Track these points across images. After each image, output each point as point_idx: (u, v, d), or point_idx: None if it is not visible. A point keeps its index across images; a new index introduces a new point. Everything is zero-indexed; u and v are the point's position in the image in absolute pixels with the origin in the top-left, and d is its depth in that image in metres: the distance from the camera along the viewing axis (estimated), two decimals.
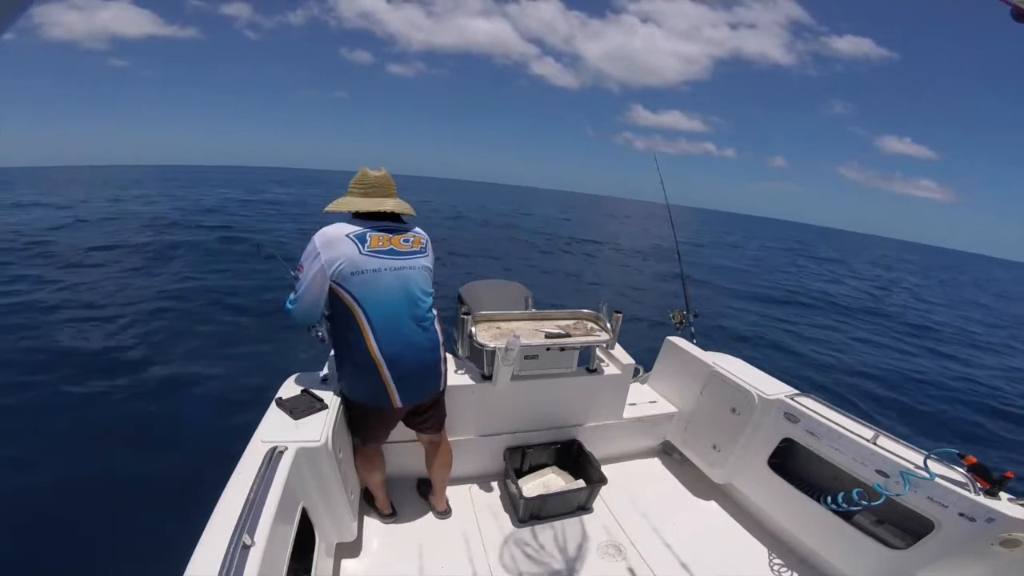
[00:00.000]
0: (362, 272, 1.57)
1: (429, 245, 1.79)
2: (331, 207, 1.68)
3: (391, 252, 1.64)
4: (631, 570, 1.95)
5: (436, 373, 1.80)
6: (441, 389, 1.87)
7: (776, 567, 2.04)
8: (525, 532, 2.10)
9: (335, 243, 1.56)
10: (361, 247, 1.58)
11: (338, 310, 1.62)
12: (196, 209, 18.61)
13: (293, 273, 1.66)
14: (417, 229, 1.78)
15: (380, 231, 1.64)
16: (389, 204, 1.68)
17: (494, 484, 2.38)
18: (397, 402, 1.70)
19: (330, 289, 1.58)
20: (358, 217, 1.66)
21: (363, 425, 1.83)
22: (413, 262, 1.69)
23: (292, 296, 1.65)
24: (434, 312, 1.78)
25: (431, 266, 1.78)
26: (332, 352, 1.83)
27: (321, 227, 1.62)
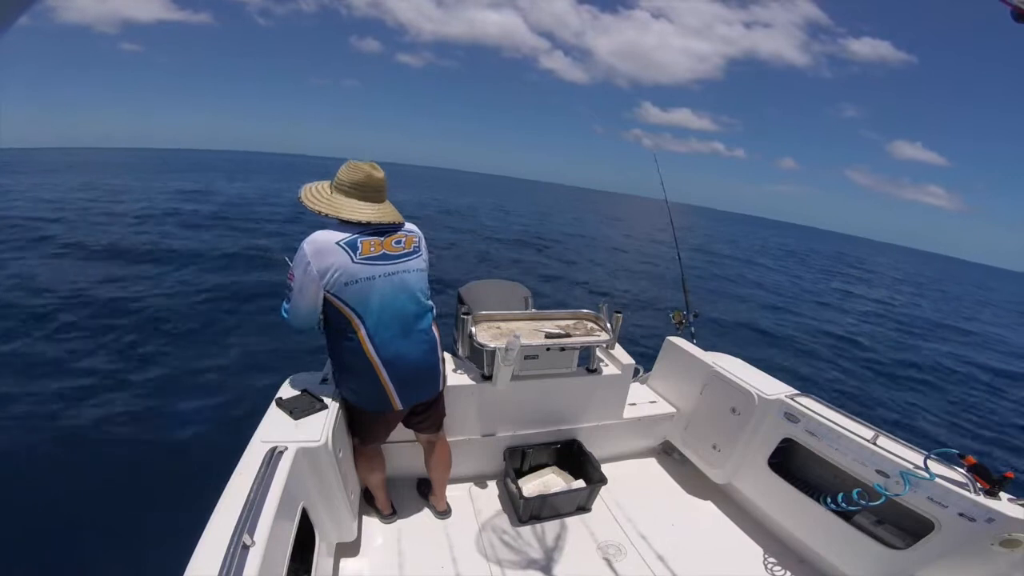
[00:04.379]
0: (356, 281, 1.55)
1: (422, 243, 1.75)
2: (325, 209, 1.57)
3: (383, 257, 1.60)
4: (631, 570, 1.95)
5: (435, 374, 1.80)
6: (440, 389, 1.87)
7: (776, 567, 2.04)
8: (525, 532, 2.10)
9: (326, 252, 1.51)
10: (353, 255, 1.54)
11: (334, 318, 1.60)
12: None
13: (287, 281, 1.61)
14: (408, 226, 1.73)
15: (371, 235, 1.60)
16: (389, 216, 1.63)
17: (494, 484, 2.38)
18: (397, 405, 1.70)
19: (325, 298, 1.56)
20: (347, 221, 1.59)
21: (362, 426, 1.83)
22: (407, 265, 1.66)
23: (286, 305, 1.63)
24: (432, 313, 1.76)
25: (425, 266, 1.75)
26: (329, 357, 1.79)
27: (311, 231, 1.55)
